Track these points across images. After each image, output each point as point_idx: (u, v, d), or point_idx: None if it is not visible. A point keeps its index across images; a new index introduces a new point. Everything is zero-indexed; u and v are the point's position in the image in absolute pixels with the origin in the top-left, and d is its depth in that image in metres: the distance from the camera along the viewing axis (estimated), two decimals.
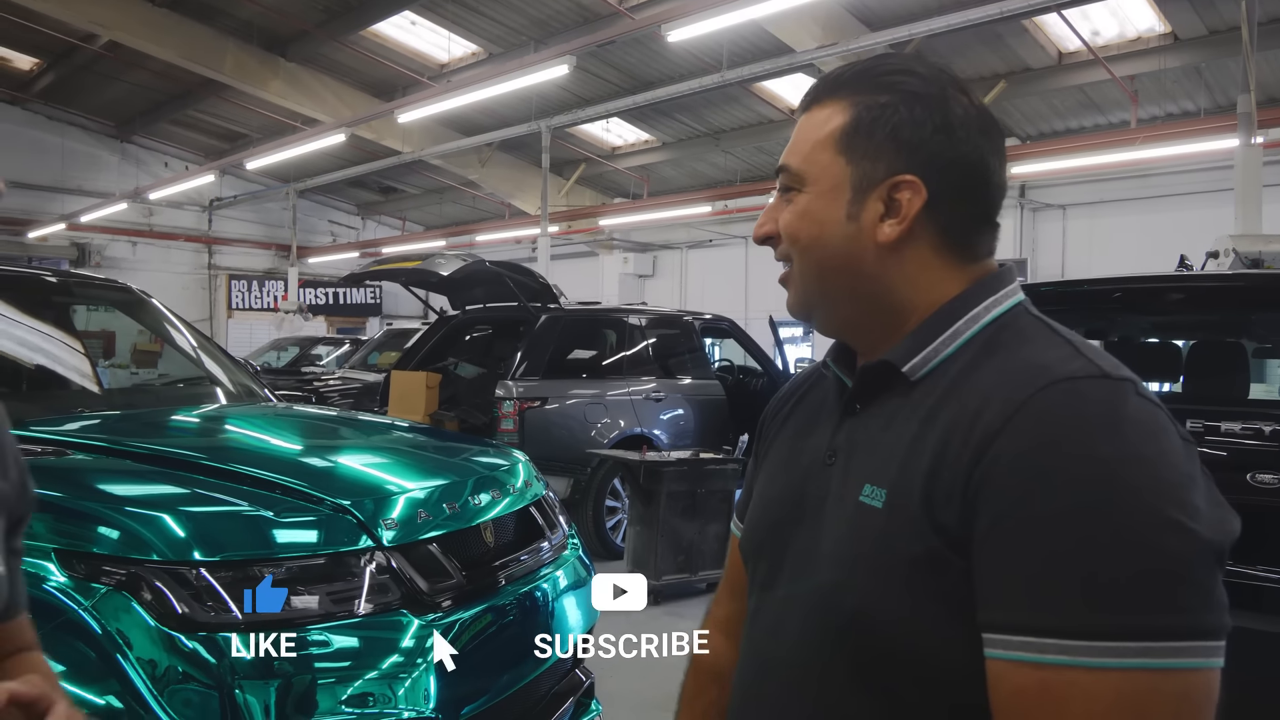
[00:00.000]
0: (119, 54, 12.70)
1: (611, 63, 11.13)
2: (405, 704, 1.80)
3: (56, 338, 3.13)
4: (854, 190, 0.81)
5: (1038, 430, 0.68)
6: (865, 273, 0.82)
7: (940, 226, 0.81)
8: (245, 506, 1.93)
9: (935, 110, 0.80)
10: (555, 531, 2.63)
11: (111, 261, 17.13)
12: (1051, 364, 0.72)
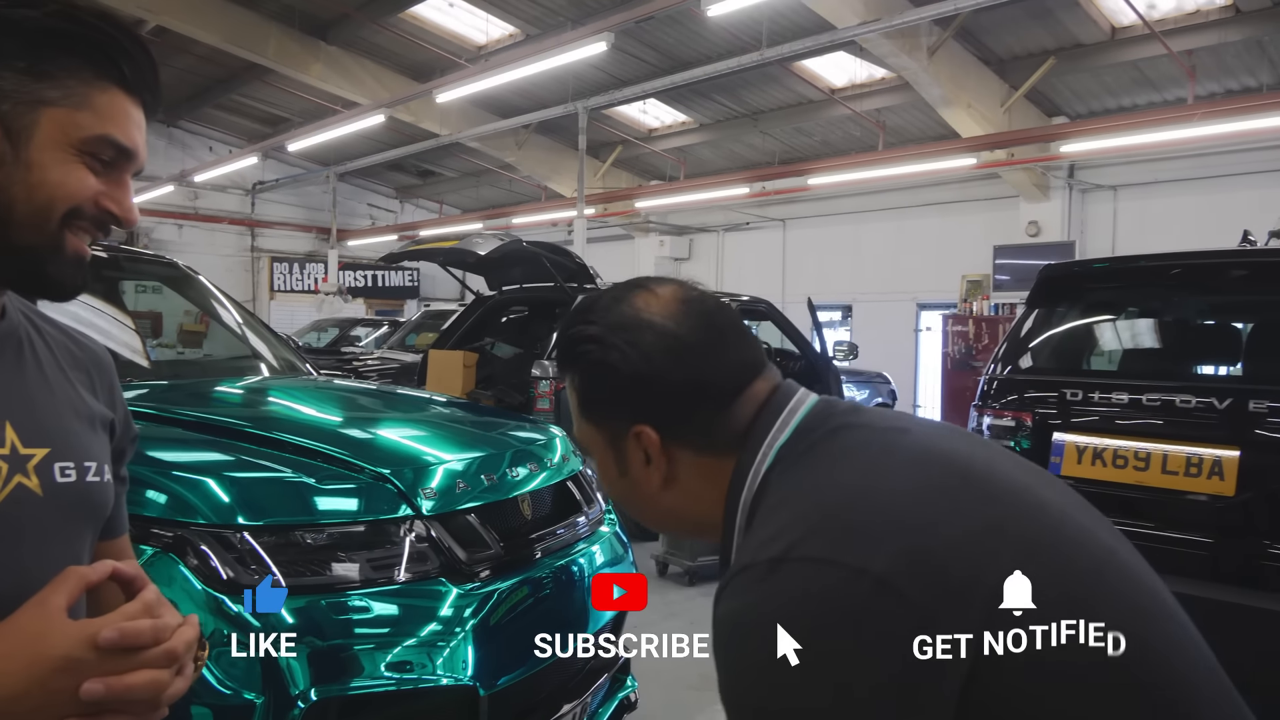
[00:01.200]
0: (166, 39, 12.87)
1: (649, 42, 11.06)
2: (443, 671, 1.81)
3: (106, 310, 3.19)
4: (613, 449, 0.88)
5: (715, 650, 0.72)
6: (669, 507, 0.88)
7: (690, 442, 0.85)
8: (288, 473, 1.95)
9: (619, 368, 0.84)
10: (592, 507, 2.63)
11: (159, 243, 17.45)
12: (736, 558, 0.75)
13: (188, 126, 17.55)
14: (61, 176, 0.79)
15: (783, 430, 0.82)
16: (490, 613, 1.99)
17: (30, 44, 0.78)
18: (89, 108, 0.80)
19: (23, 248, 0.79)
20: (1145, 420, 2.92)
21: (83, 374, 0.94)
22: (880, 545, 0.66)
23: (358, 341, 12.90)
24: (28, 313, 0.92)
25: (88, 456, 0.87)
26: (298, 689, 1.66)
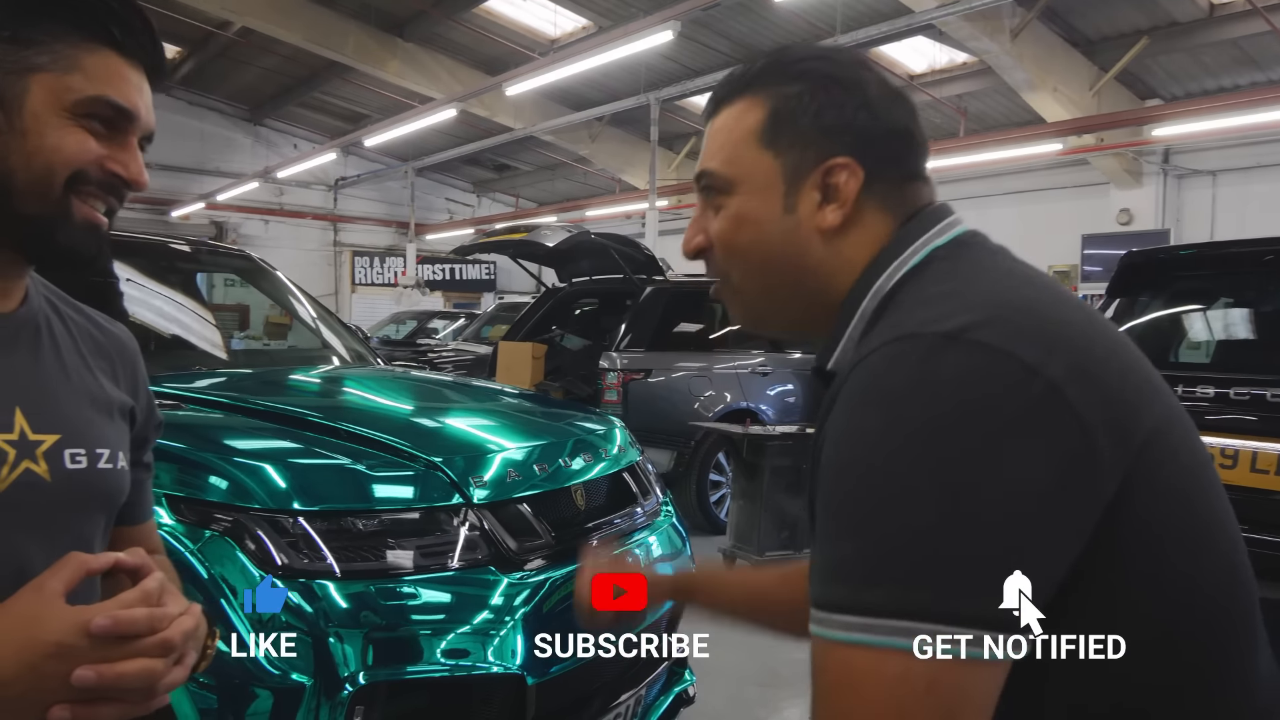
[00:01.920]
0: (251, 40, 13.32)
1: (720, 31, 10.96)
2: (490, 659, 1.81)
3: (185, 302, 3.31)
4: (787, 183, 0.80)
5: (837, 409, 0.68)
6: (810, 265, 0.80)
7: (880, 199, 0.80)
8: (342, 460, 1.98)
9: (852, 91, 0.79)
10: (649, 498, 2.61)
11: (246, 239, 18.08)
12: (879, 334, 0.70)
13: (273, 124, 18.12)
14: (58, 141, 0.79)
15: (941, 234, 0.78)
16: (541, 602, 1.99)
17: (12, 11, 0.79)
18: (79, 70, 0.79)
19: (30, 217, 0.80)
20: (1234, 416, 2.76)
21: (105, 361, 0.94)
22: (1052, 353, 0.63)
23: (435, 334, 13.17)
24: (52, 298, 0.93)
25: (100, 443, 0.88)
26: (347, 672, 1.68)
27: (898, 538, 0.60)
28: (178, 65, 15.74)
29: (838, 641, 0.62)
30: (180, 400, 2.31)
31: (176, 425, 2.14)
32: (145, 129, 0.86)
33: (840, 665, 0.61)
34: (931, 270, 0.75)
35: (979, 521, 0.59)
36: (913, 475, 0.61)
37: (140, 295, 3.16)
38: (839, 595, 0.62)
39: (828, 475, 0.66)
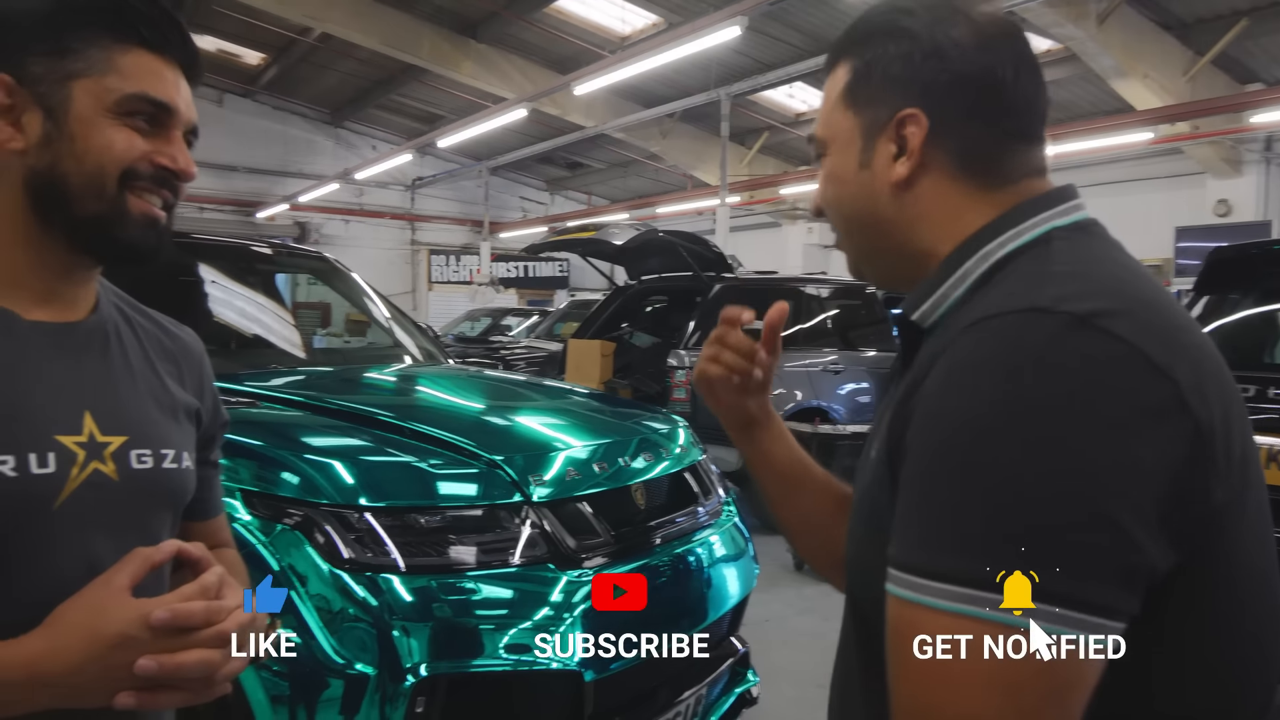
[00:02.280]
0: (330, 45, 13.70)
1: (792, 24, 10.84)
2: (551, 655, 1.84)
3: (264, 302, 3.43)
4: (864, 139, 0.81)
5: (946, 371, 0.66)
6: (885, 218, 0.80)
7: (954, 153, 0.78)
8: (408, 458, 2.03)
9: (922, 39, 0.78)
10: (710, 497, 2.61)
11: (327, 238, 18.63)
12: (996, 301, 0.69)
13: (352, 127, 18.60)
14: (105, 141, 0.83)
15: (1064, 215, 0.76)
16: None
17: (47, 26, 0.83)
18: (115, 71, 0.83)
19: (89, 218, 0.84)
20: None
21: (171, 364, 0.98)
22: (1177, 358, 0.63)
23: (508, 331, 13.36)
24: (122, 305, 0.97)
25: (166, 444, 0.91)
26: (409, 663, 1.73)
27: (1017, 514, 0.60)
28: (262, 71, 16.29)
29: (942, 610, 0.61)
30: (256, 398, 2.40)
31: (254, 422, 2.23)
32: (187, 123, 0.89)
33: (947, 632, 0.61)
34: (1053, 248, 0.73)
35: (1099, 509, 0.59)
36: (1035, 453, 0.60)
37: (223, 296, 3.29)
38: (947, 564, 0.61)
39: (936, 432, 0.65)
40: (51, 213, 0.84)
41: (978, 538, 0.60)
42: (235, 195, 17.70)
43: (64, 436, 0.83)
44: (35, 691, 0.74)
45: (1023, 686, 0.60)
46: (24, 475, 0.79)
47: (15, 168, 0.84)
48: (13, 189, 0.84)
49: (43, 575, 0.80)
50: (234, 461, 1.96)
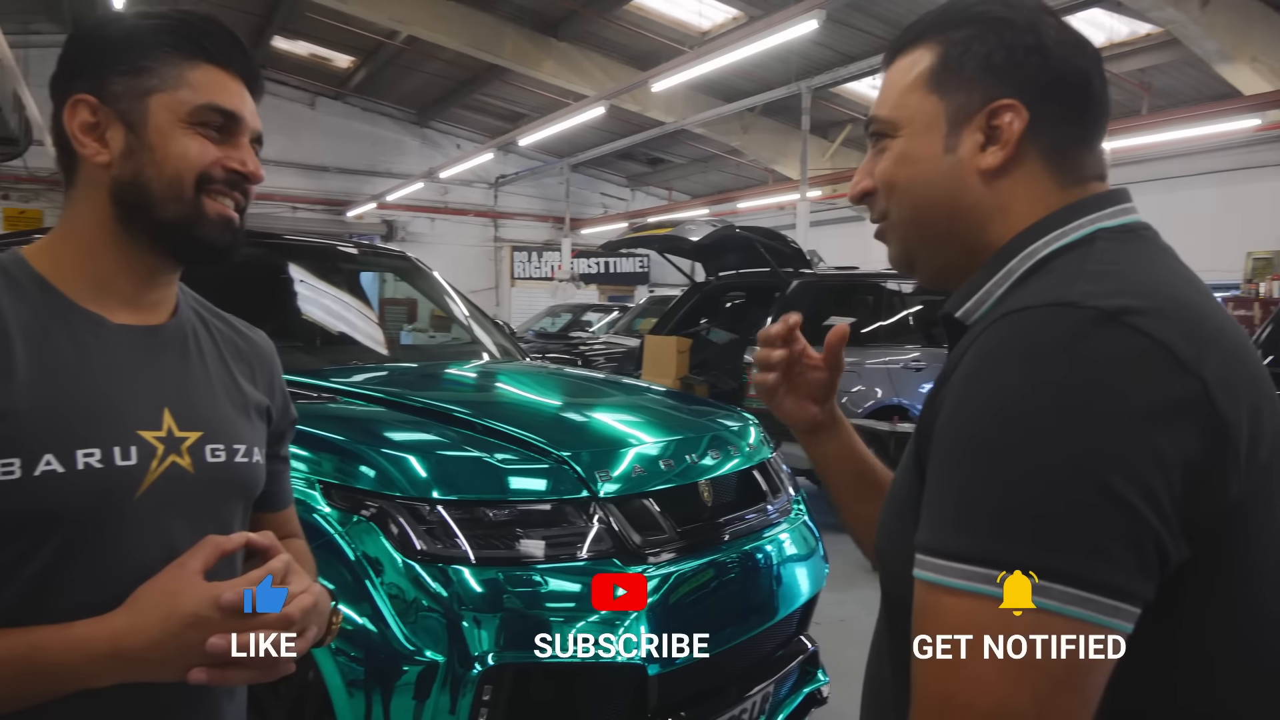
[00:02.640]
0: (416, 47, 14.04)
1: (875, 14, 10.64)
2: (616, 648, 1.86)
3: (348, 300, 3.55)
4: (950, 123, 0.80)
5: (973, 361, 0.68)
6: (964, 206, 0.80)
7: (1044, 149, 0.79)
8: (478, 453, 2.08)
9: (1026, 33, 0.78)
10: (779, 495, 2.60)
11: (414, 236, 19.11)
12: (1028, 295, 0.70)
13: (438, 126, 19.02)
14: (181, 149, 0.90)
15: (1112, 217, 0.77)
16: (666, 595, 2.03)
17: (126, 46, 0.90)
18: (186, 85, 0.90)
19: (170, 220, 0.91)
20: None
21: (244, 365, 1.05)
22: (1206, 356, 0.64)
23: (589, 326, 13.48)
24: (200, 310, 1.04)
25: (238, 439, 0.98)
26: (477, 652, 1.78)
27: (1036, 500, 0.61)
28: (351, 74, 16.79)
29: (963, 590, 0.62)
30: (338, 394, 2.49)
31: (335, 417, 2.32)
32: (253, 131, 0.96)
33: (962, 615, 0.62)
34: (1096, 249, 0.74)
35: (1117, 496, 0.60)
36: (1056, 442, 0.61)
37: (310, 294, 3.42)
38: (966, 545, 0.63)
39: (960, 419, 0.66)
40: (135, 218, 0.91)
41: (997, 520, 0.62)
42: (326, 195, 18.31)
43: (145, 431, 0.89)
44: (118, 665, 0.80)
45: (1040, 669, 0.60)
46: (109, 467, 0.86)
47: (102, 180, 0.91)
48: (100, 200, 0.91)
49: (125, 559, 0.86)
50: (317, 455, 2.04)
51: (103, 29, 0.92)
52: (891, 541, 0.77)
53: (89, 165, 0.91)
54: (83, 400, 0.86)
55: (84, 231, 0.92)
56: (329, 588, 1.01)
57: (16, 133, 11.24)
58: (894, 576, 0.75)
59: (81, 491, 0.84)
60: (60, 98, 0.91)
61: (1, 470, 0.80)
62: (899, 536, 0.73)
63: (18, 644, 0.78)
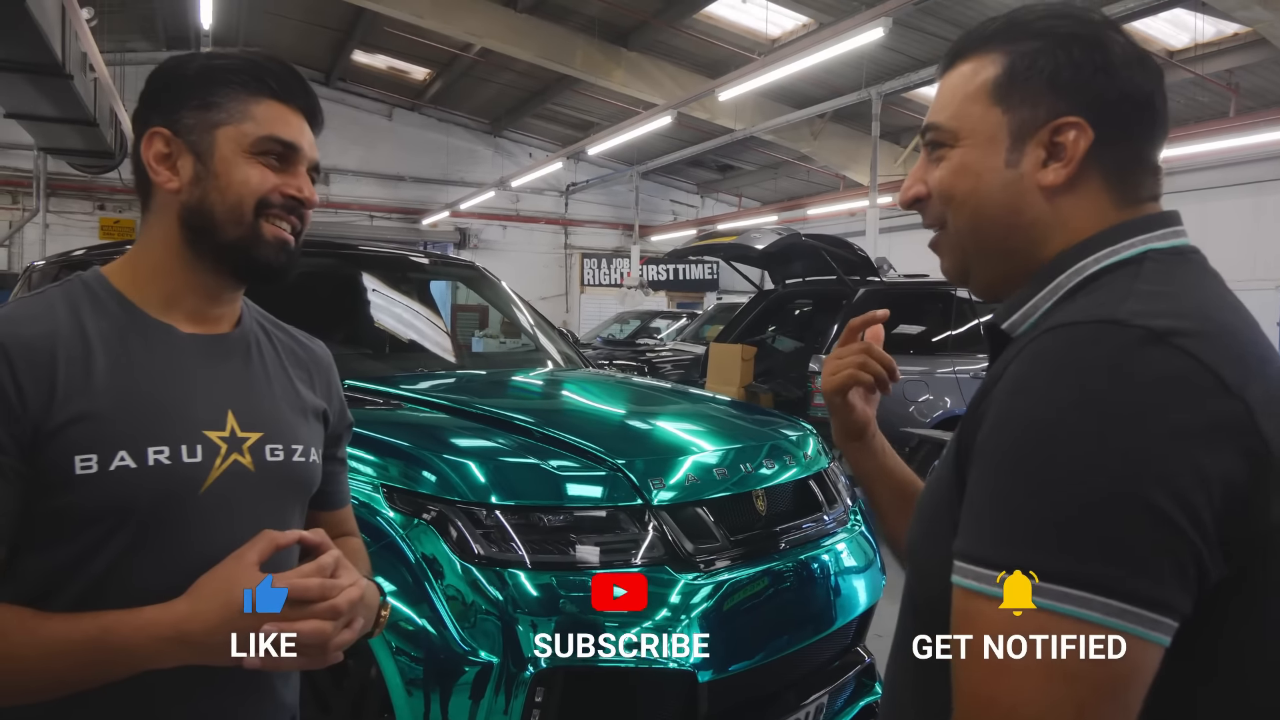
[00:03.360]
0: (490, 59, 14.31)
1: (946, 18, 10.45)
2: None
3: (416, 309, 3.66)
4: (1012, 138, 0.80)
5: (1018, 374, 0.69)
6: (1024, 221, 0.80)
7: (1105, 168, 0.79)
8: (535, 460, 2.13)
9: (1093, 50, 0.78)
10: (835, 505, 2.59)
11: (486, 243, 19.45)
12: (1075, 311, 0.72)
13: (510, 135, 19.33)
14: (243, 176, 0.97)
15: (1162, 239, 0.78)
16: (719, 603, 2.05)
17: (198, 86, 0.98)
18: (250, 119, 0.98)
19: (231, 241, 0.98)
20: None
21: (303, 371, 1.12)
22: (1250, 381, 0.66)
23: (657, 333, 13.53)
24: (262, 321, 1.12)
25: (296, 440, 1.04)
26: (531, 654, 1.82)
27: (1079, 511, 0.62)
28: (427, 85, 17.19)
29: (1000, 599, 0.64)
30: (403, 400, 2.58)
31: (399, 423, 2.40)
32: (310, 160, 1.03)
33: (1008, 624, 0.63)
34: (1145, 269, 0.75)
35: (1159, 511, 0.61)
36: (1101, 457, 0.62)
37: (380, 303, 3.54)
38: (1009, 556, 0.64)
39: (1006, 431, 0.67)
40: (200, 240, 0.99)
41: (1041, 532, 0.63)
42: (402, 204, 18.76)
43: (210, 431, 0.97)
44: (180, 649, 0.87)
45: (1081, 678, 0.62)
46: (176, 464, 0.93)
47: (172, 205, 0.99)
48: (171, 223, 0.99)
49: (189, 550, 0.93)
50: (383, 459, 2.12)
51: (180, 68, 1.00)
52: (926, 546, 0.79)
53: (162, 191, 0.99)
54: (154, 402, 0.94)
55: (156, 252, 1.00)
56: (382, 585, 1.08)
57: (112, 146, 11.84)
58: (925, 579, 0.78)
59: (151, 486, 0.91)
60: (140, 129, 1.00)
61: (81, 465, 0.88)
62: (934, 542, 0.75)
63: (91, 626, 0.86)
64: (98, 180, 15.15)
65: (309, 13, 13.91)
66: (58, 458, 0.88)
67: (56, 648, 0.84)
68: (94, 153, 11.90)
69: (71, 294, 0.97)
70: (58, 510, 0.89)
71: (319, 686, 1.99)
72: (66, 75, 7.80)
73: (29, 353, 0.89)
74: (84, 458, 0.88)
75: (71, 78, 7.98)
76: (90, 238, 15.25)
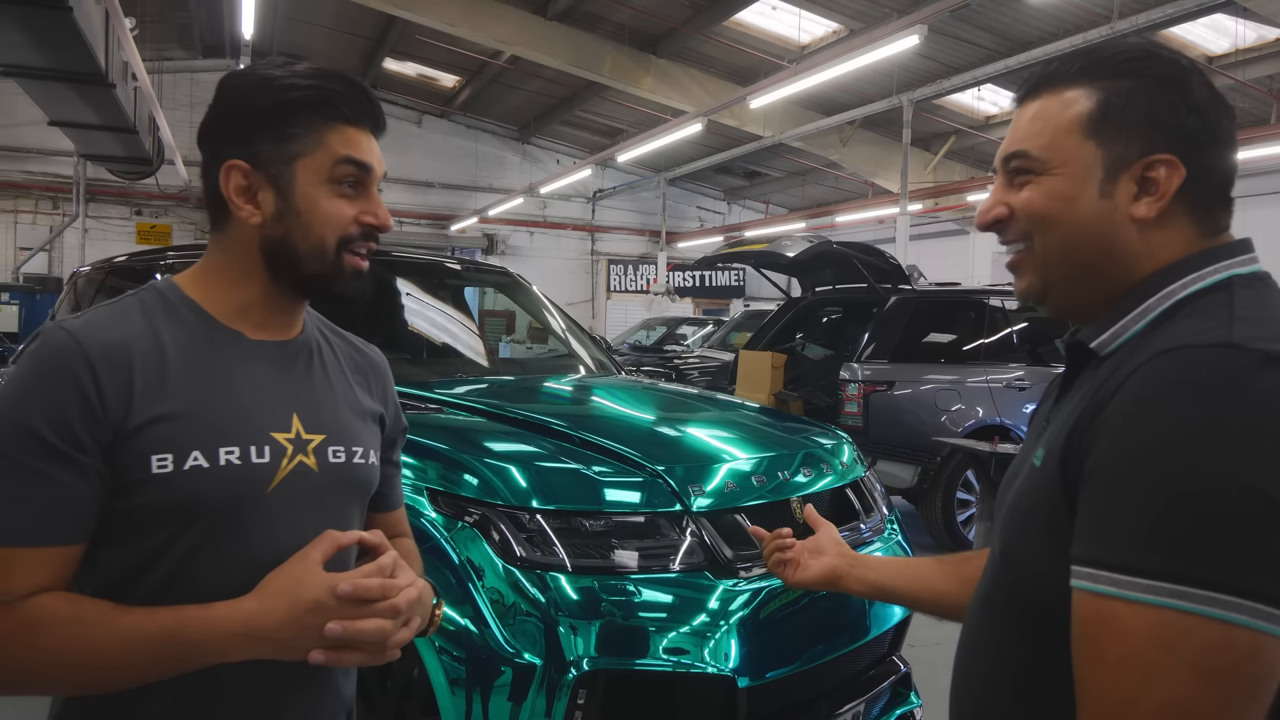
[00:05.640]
0: (519, 66, 14.43)
1: (980, 24, 10.42)
2: (704, 659, 1.90)
3: (452, 314, 3.70)
4: (1106, 171, 0.85)
5: (1138, 393, 0.74)
6: (1116, 249, 0.86)
7: (1192, 202, 0.85)
8: (576, 465, 2.15)
9: (1186, 93, 0.84)
10: (872, 515, 2.59)
11: (513, 249, 19.57)
12: (1187, 334, 0.76)
13: (538, 142, 19.46)
14: (324, 214, 1.00)
15: (1244, 265, 0.84)
16: (757, 610, 2.05)
17: (274, 117, 0.99)
18: (324, 147, 1.00)
19: (313, 275, 1.01)
20: None
21: (361, 376, 1.15)
22: None
23: (683, 340, 13.54)
24: (322, 328, 1.15)
25: (356, 442, 1.08)
26: (572, 657, 1.84)
27: (1222, 520, 0.67)
28: (456, 93, 17.34)
29: (1147, 604, 0.68)
30: (443, 404, 2.61)
31: (440, 427, 2.43)
32: (379, 176, 1.05)
33: (1151, 626, 0.68)
34: (1235, 294, 0.80)
35: None
36: (1237, 469, 0.67)
37: (416, 308, 3.58)
38: (1153, 562, 0.68)
39: (1139, 446, 0.71)
40: (282, 271, 1.02)
41: (1183, 540, 0.68)
42: (431, 210, 18.93)
43: (277, 433, 1.00)
44: (249, 644, 0.90)
45: (1223, 675, 0.67)
46: (246, 464, 0.97)
47: (254, 237, 1.02)
48: (252, 252, 1.02)
49: (257, 546, 0.96)
50: (424, 462, 2.15)
51: (252, 96, 1.00)
52: (1030, 552, 0.82)
53: (242, 224, 1.01)
54: (225, 405, 0.97)
55: (232, 270, 1.03)
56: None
57: (150, 153, 12.06)
58: (1027, 583, 0.83)
59: (223, 485, 0.95)
60: (213, 158, 1.01)
61: (157, 464, 0.92)
62: (1038, 548, 0.80)
63: (167, 620, 0.89)
64: (135, 186, 15.43)
65: (342, 21, 14.09)
66: (136, 458, 0.91)
67: (134, 640, 0.87)
68: (132, 159, 12.13)
69: (147, 302, 1.00)
70: (135, 508, 0.92)
71: (363, 684, 2.01)
72: (109, 84, 7.96)
73: (109, 358, 0.92)
74: (160, 458, 0.92)
75: (114, 86, 8.14)
76: (127, 242, 15.53)
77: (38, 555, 0.88)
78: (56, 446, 0.88)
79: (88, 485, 0.90)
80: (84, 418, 0.89)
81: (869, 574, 1.32)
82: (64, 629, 0.87)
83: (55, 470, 0.88)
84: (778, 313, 7.64)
